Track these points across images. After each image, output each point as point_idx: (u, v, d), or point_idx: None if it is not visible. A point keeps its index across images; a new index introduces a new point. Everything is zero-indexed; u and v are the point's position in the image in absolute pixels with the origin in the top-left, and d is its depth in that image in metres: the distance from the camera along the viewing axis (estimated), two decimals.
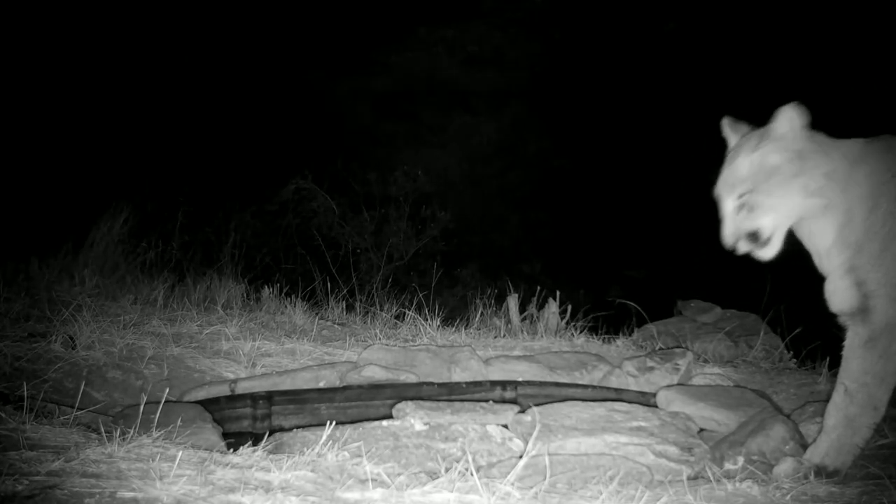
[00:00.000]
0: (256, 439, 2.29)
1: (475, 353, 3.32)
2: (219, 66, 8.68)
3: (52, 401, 2.64)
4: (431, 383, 2.97)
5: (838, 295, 2.28)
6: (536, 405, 2.46)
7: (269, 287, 4.79)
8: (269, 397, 2.76)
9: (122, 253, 4.97)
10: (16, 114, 6.45)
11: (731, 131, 2.49)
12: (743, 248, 2.34)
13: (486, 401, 2.60)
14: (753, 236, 2.32)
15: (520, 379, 3.08)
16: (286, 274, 6.28)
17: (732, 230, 2.33)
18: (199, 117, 8.07)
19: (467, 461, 1.90)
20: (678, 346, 3.69)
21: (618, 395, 2.91)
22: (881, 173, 2.24)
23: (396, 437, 2.32)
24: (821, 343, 3.61)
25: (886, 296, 2.16)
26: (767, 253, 2.34)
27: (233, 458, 2.00)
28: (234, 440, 2.30)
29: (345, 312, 4.78)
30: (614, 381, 3.16)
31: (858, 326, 2.23)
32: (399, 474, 1.97)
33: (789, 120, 2.30)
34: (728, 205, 2.35)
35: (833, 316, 2.32)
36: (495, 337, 4.08)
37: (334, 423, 2.25)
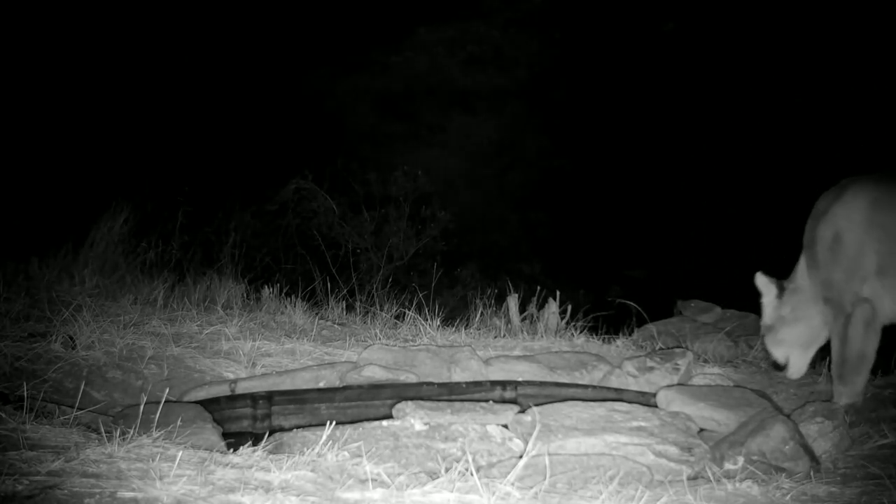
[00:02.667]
0: (256, 439, 2.29)
1: (475, 353, 3.32)
2: (219, 66, 8.69)
3: (52, 401, 2.64)
4: (431, 383, 2.97)
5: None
6: (536, 405, 2.46)
7: (269, 287, 4.79)
8: (269, 397, 2.76)
9: (122, 253, 4.96)
10: (16, 114, 6.45)
11: (760, 285, 3.16)
12: (779, 372, 3.20)
13: (486, 401, 2.60)
14: (777, 366, 3.18)
15: (520, 379, 3.08)
16: (286, 274, 6.27)
17: (770, 361, 3.23)
18: (200, 117, 8.07)
19: (467, 461, 1.90)
20: (678, 346, 3.69)
21: (618, 395, 2.91)
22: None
23: (396, 437, 2.32)
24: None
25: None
26: (796, 375, 3.16)
27: (233, 458, 1.99)
28: (234, 440, 2.30)
29: (345, 312, 4.78)
30: (614, 381, 3.16)
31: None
32: (399, 474, 1.97)
33: (760, 283, 3.12)
34: (765, 339, 3.19)
35: None
36: (495, 337, 4.08)
37: (334, 423, 2.24)
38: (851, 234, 2.75)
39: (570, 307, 4.42)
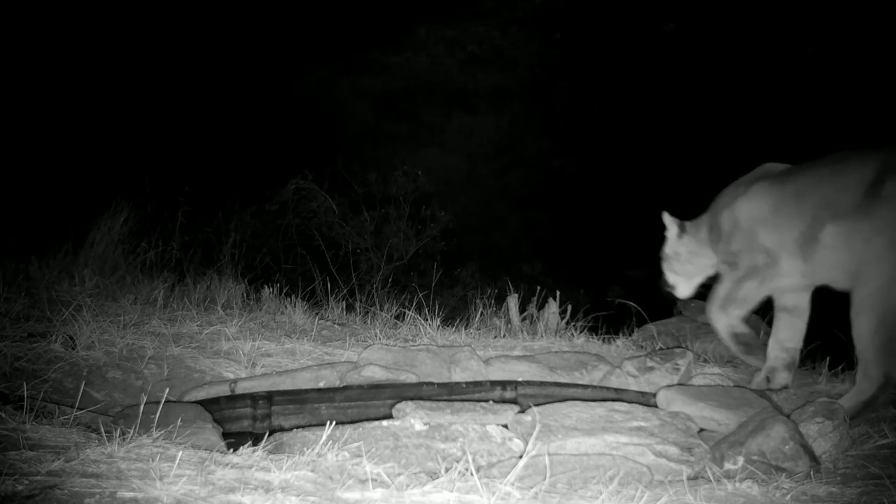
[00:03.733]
0: (256, 439, 2.29)
1: (475, 353, 3.32)
2: (219, 66, 8.68)
3: (52, 401, 2.64)
4: (431, 383, 2.97)
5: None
6: (536, 405, 2.46)
7: (269, 287, 4.79)
8: (269, 397, 2.76)
9: (122, 253, 4.97)
10: (16, 114, 6.45)
11: (667, 222, 3.61)
12: (667, 290, 3.67)
13: (486, 401, 2.60)
14: (673, 287, 3.64)
15: (520, 379, 3.07)
16: (286, 274, 6.28)
17: (664, 279, 3.67)
18: (200, 117, 8.07)
19: (467, 461, 1.90)
20: (678, 346, 3.69)
21: (618, 395, 2.91)
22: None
23: (396, 437, 2.32)
24: (821, 343, 3.62)
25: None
26: (685, 295, 3.71)
27: (233, 458, 1.99)
28: (234, 440, 2.30)
29: (345, 312, 4.78)
30: (614, 381, 3.16)
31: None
32: (399, 474, 1.97)
33: (667, 223, 3.56)
34: (663, 265, 3.65)
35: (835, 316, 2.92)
36: (495, 337, 4.08)
37: (334, 423, 2.24)
38: (753, 225, 3.15)
39: (570, 307, 4.42)
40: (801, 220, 2.99)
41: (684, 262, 3.57)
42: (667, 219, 3.59)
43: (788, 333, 3.22)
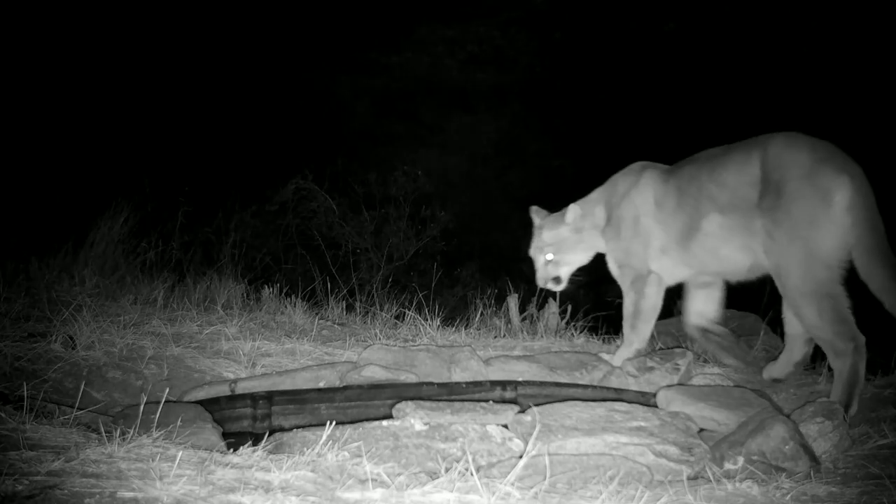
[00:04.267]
0: (256, 439, 2.29)
1: (475, 353, 3.32)
2: (219, 66, 8.68)
3: (52, 401, 2.64)
4: (431, 383, 2.97)
5: (610, 266, 3.64)
6: (536, 405, 2.45)
7: (269, 287, 4.79)
8: (269, 397, 2.76)
9: (122, 253, 4.97)
10: (16, 114, 6.45)
11: (535, 216, 3.78)
12: (550, 286, 3.71)
13: (486, 401, 2.60)
14: (557, 280, 3.69)
15: (520, 379, 3.07)
16: (286, 274, 6.28)
17: (543, 276, 3.68)
18: (200, 117, 8.07)
19: (467, 461, 1.90)
20: (678, 346, 3.69)
21: (618, 395, 2.90)
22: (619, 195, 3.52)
23: (396, 437, 2.31)
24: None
25: (625, 265, 3.51)
26: (561, 288, 3.74)
27: (233, 458, 1.99)
28: (234, 440, 2.30)
29: (345, 312, 4.78)
30: (614, 381, 3.16)
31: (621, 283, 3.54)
32: (399, 474, 1.97)
33: (574, 213, 3.59)
34: (539, 259, 3.68)
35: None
36: (495, 337, 4.08)
37: (334, 423, 2.24)
38: (646, 218, 3.39)
39: (570, 307, 4.42)
40: (685, 211, 3.22)
41: (579, 251, 3.66)
42: (576, 212, 3.59)
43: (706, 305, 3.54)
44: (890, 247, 2.77)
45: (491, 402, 2.58)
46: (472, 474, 1.85)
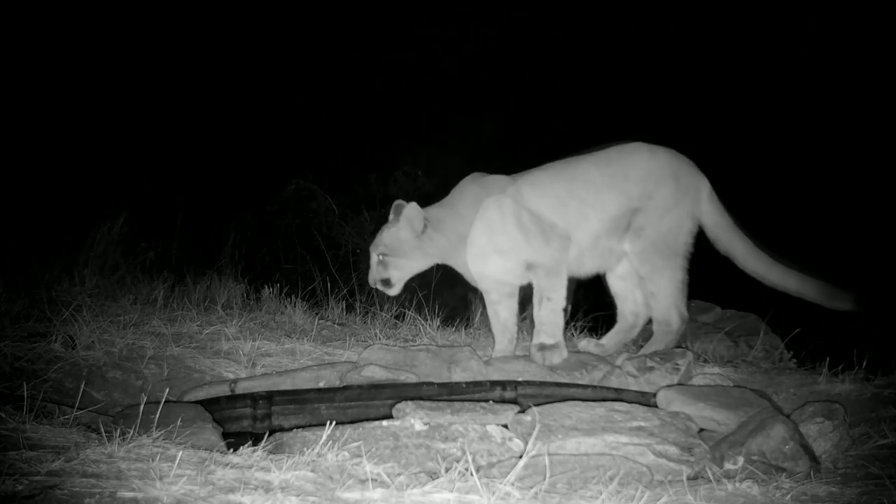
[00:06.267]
0: (256, 439, 2.29)
1: (475, 353, 3.32)
2: (219, 66, 8.68)
3: (52, 401, 2.64)
4: (431, 383, 2.97)
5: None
6: (536, 405, 2.46)
7: (269, 287, 4.79)
8: (269, 397, 2.76)
9: (122, 253, 4.97)
10: (16, 113, 6.45)
11: (392, 212, 3.47)
12: (379, 287, 3.44)
13: (486, 401, 2.60)
14: (386, 282, 3.42)
15: (520, 379, 3.08)
16: (286, 274, 6.27)
17: (373, 276, 3.41)
18: (199, 117, 8.07)
19: (467, 461, 1.90)
20: (678, 346, 3.69)
21: (618, 395, 2.90)
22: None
23: (396, 437, 2.31)
24: (821, 343, 3.62)
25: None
26: (394, 292, 3.49)
27: (233, 458, 2.00)
28: (234, 440, 2.30)
29: (345, 312, 4.78)
30: (614, 381, 3.16)
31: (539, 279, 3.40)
32: (399, 474, 1.97)
33: (414, 211, 3.33)
34: (373, 258, 3.40)
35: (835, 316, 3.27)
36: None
37: (334, 423, 2.24)
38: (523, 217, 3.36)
39: (570, 307, 4.42)
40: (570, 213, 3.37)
41: (417, 258, 3.43)
42: (415, 209, 3.36)
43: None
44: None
45: (491, 402, 2.58)
46: (472, 474, 1.86)
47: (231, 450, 2.12)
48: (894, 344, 3.26)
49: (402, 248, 3.37)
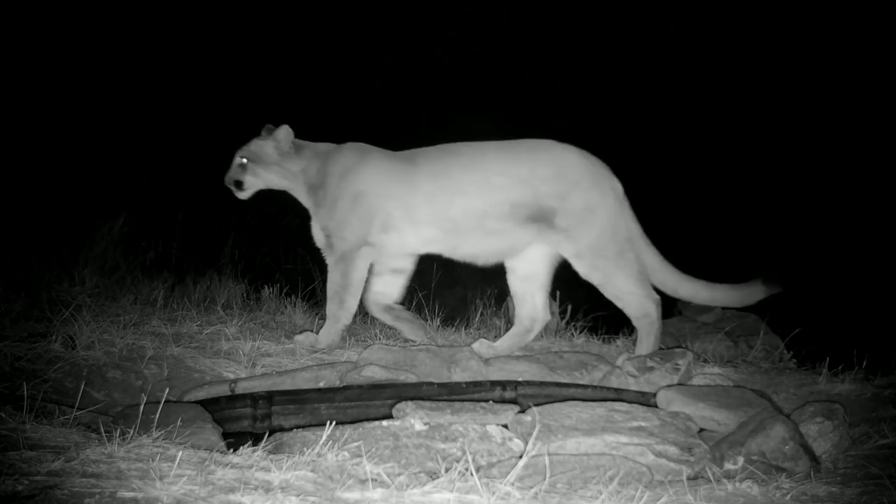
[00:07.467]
0: (256, 439, 2.29)
1: (476, 352, 3.32)
2: (218, 66, 8.68)
3: (52, 401, 2.64)
4: (431, 383, 2.97)
5: (316, 235, 3.83)
6: (536, 405, 2.45)
7: (269, 287, 4.79)
8: (270, 397, 2.76)
9: (122, 253, 4.97)
10: (16, 113, 6.45)
11: (264, 132, 3.84)
12: (231, 188, 3.80)
13: (486, 401, 2.60)
14: (238, 184, 3.78)
15: (520, 379, 3.08)
16: (286, 274, 6.27)
17: (230, 175, 3.78)
18: (199, 117, 8.07)
19: (467, 461, 1.90)
20: (678, 346, 3.69)
21: (618, 395, 2.90)
22: (341, 167, 3.72)
23: (396, 437, 2.31)
24: (821, 343, 3.62)
25: (339, 238, 3.66)
26: (243, 196, 3.84)
27: (233, 458, 2.00)
28: (234, 440, 2.30)
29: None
30: (614, 381, 3.16)
31: (328, 255, 3.75)
32: (399, 474, 1.97)
33: (285, 132, 3.74)
34: (236, 160, 3.78)
35: (835, 316, 2.91)
36: (495, 337, 4.07)
37: (334, 422, 2.24)
38: (372, 195, 3.62)
39: (570, 307, 4.42)
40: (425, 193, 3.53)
41: (273, 173, 3.76)
42: (286, 131, 3.73)
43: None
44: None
45: (491, 402, 2.58)
46: (472, 474, 1.86)
47: (231, 450, 2.12)
48: (894, 344, 3.26)
49: (265, 160, 3.74)
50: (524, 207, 3.44)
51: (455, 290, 7.02)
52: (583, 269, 3.46)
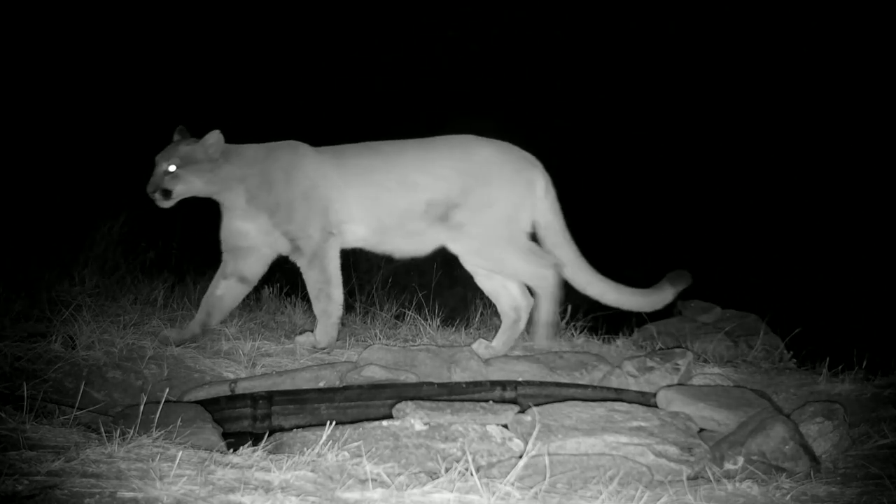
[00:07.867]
0: (256, 439, 2.29)
1: (475, 353, 3.32)
2: (219, 66, 8.68)
3: (52, 401, 2.64)
4: (431, 383, 2.97)
5: (231, 234, 3.77)
6: (536, 405, 2.46)
7: (268, 287, 4.79)
8: (270, 397, 2.76)
9: (122, 253, 4.97)
10: (16, 113, 6.45)
11: (178, 135, 3.78)
12: (156, 197, 3.56)
13: (486, 401, 2.60)
14: (167, 193, 3.56)
15: (520, 379, 3.08)
16: (286, 274, 6.26)
17: (155, 182, 3.56)
18: (199, 117, 8.06)
19: (467, 461, 1.90)
20: (678, 346, 3.69)
21: (618, 395, 2.90)
22: (282, 170, 3.68)
23: (396, 437, 2.31)
24: (821, 343, 3.62)
25: (305, 237, 3.58)
26: (167, 205, 3.62)
27: (233, 458, 2.00)
28: (234, 440, 2.30)
29: (345, 312, 4.77)
30: (614, 381, 3.16)
31: (300, 258, 3.64)
32: (399, 474, 1.97)
33: (215, 138, 3.62)
34: (161, 166, 3.58)
35: (835, 316, 2.91)
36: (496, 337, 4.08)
37: (334, 422, 2.24)
38: (321, 187, 3.63)
39: (570, 307, 4.41)
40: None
41: (204, 180, 3.61)
42: (217, 136, 3.62)
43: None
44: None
45: (491, 402, 2.58)
46: (472, 474, 1.86)
47: (231, 450, 2.12)
48: (894, 344, 3.26)
49: (196, 166, 3.58)
50: (440, 206, 3.49)
51: (455, 290, 7.02)
52: (474, 259, 3.56)
